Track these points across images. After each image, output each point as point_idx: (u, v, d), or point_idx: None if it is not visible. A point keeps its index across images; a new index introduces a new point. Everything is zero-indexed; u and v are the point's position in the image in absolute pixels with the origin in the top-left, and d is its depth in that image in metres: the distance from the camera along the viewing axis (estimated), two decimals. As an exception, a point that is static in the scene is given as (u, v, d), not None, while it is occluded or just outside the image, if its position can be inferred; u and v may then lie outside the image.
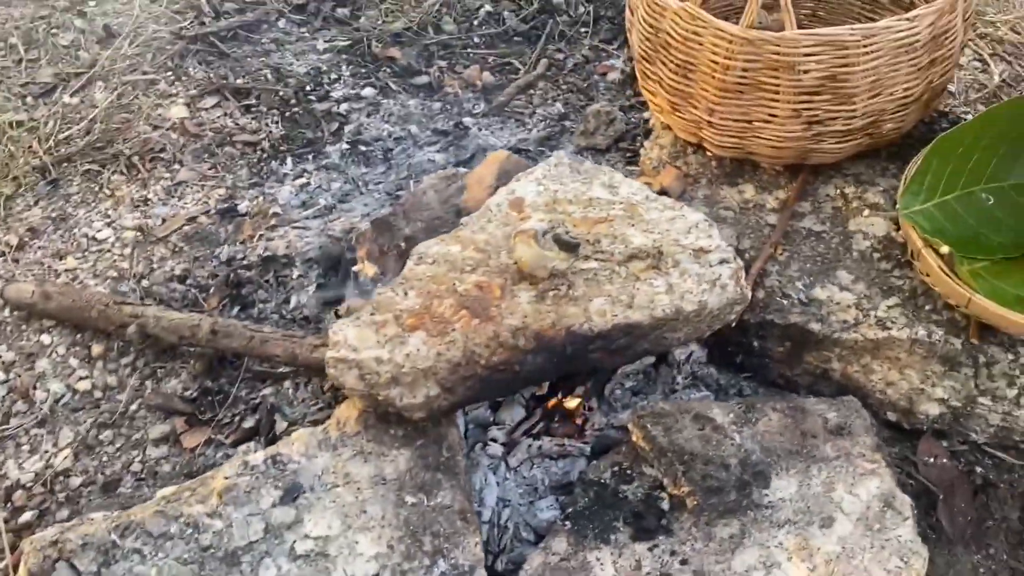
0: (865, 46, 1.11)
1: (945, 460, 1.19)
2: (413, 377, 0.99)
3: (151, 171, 1.52)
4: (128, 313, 1.27)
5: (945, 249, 1.05)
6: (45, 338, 1.31)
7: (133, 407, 1.25)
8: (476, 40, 1.77)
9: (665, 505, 1.03)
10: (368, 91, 1.66)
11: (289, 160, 1.55)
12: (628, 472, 1.06)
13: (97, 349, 1.30)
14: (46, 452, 1.20)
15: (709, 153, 1.32)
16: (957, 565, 1.14)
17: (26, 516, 1.14)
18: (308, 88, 1.66)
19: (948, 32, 1.16)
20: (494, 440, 1.12)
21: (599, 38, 1.77)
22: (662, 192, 1.26)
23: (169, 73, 1.69)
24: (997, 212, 1.15)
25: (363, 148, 1.55)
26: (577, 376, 1.12)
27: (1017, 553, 1.15)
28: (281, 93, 1.64)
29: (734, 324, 1.15)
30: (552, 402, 1.12)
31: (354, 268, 1.33)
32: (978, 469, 1.19)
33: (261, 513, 0.95)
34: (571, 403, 1.11)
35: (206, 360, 1.29)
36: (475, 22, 1.80)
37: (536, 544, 1.05)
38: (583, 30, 1.79)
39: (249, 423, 1.21)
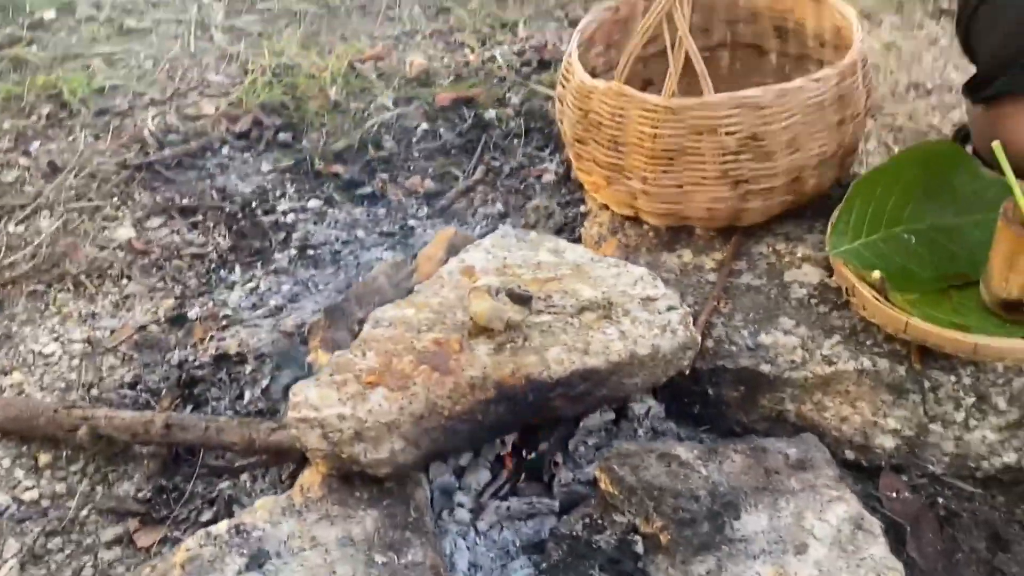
0: (780, 105, 1.21)
1: (907, 494, 1.21)
2: (376, 432, 0.98)
3: (99, 287, 1.53)
4: (78, 416, 1.24)
5: (876, 274, 1.10)
6: (-11, 452, 1.27)
7: (83, 512, 1.21)
8: (416, 155, 1.85)
9: (639, 548, 1.02)
10: (313, 203, 1.71)
11: (238, 268, 1.57)
12: (599, 522, 1.05)
13: (44, 459, 1.26)
14: (-10, 565, 1.15)
15: (646, 225, 1.39)
16: (934, 597, 1.14)
17: (-32, 630, 1.07)
18: (254, 204, 1.70)
19: (852, 94, 1.27)
20: (461, 505, 1.10)
21: (532, 146, 1.87)
22: (605, 261, 1.31)
23: (115, 199, 1.72)
24: (920, 250, 1.22)
25: (311, 252, 1.58)
26: (541, 431, 1.12)
27: (991, 581, 1.15)
28: (227, 209, 1.68)
29: (688, 372, 1.17)
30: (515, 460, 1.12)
31: (308, 358, 1.33)
32: (940, 500, 1.21)
33: (226, 581, 0.91)
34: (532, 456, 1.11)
35: (160, 460, 1.26)
36: (413, 139, 1.89)
37: (512, 604, 1.02)
38: (516, 141, 1.88)
39: (207, 516, 1.17)
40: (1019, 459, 1.17)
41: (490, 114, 1.93)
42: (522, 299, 1.08)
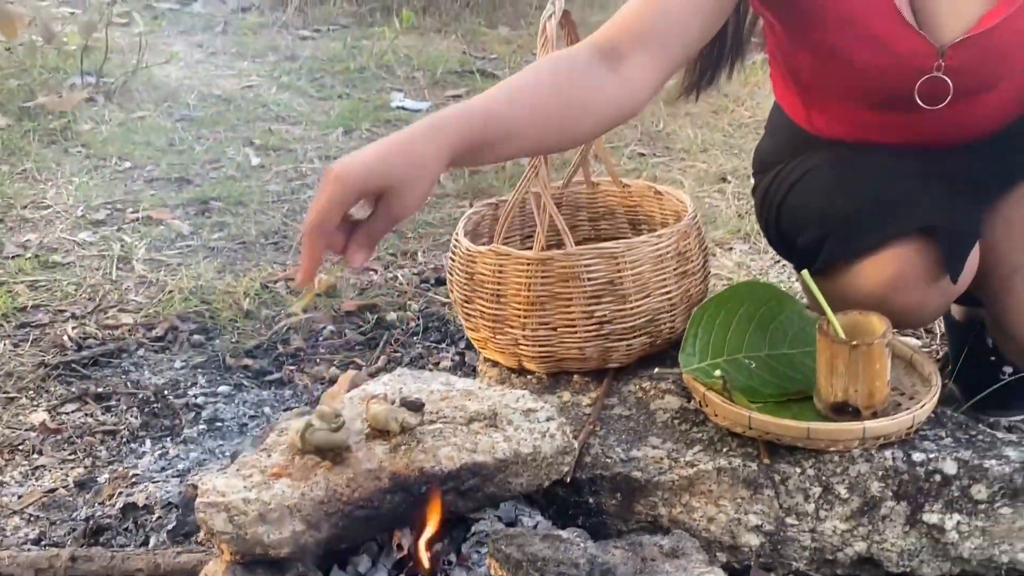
0: (630, 256, 1.44)
1: (777, 589, 1.31)
2: (279, 513, 1.07)
3: (9, 460, 1.57)
4: (-21, 558, 1.26)
5: (717, 373, 1.28)
6: None
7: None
8: (322, 350, 2.01)
9: (529, 625, 1.09)
10: (223, 388, 1.82)
11: (148, 442, 1.64)
12: (491, 609, 1.12)
13: (-63, 611, 1.26)
14: None
15: (530, 375, 1.56)
16: None
17: None
18: (166, 392, 1.81)
19: (689, 252, 1.52)
20: (360, 608, 1.16)
21: (430, 340, 2.06)
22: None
23: (30, 392, 1.80)
24: (760, 373, 1.41)
25: (219, 425, 1.68)
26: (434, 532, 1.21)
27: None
28: (140, 395, 1.78)
29: (569, 480, 1.30)
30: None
31: (215, 503, 1.39)
32: (807, 595, 1.31)
33: (129, 650, 0.95)
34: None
35: (60, 601, 1.27)
36: (320, 338, 2.06)
37: None
38: (415, 337, 2.07)
39: (106, 645, 1.18)
40: (868, 547, 1.30)
41: (392, 316, 2.13)
42: (415, 405, 1.22)
